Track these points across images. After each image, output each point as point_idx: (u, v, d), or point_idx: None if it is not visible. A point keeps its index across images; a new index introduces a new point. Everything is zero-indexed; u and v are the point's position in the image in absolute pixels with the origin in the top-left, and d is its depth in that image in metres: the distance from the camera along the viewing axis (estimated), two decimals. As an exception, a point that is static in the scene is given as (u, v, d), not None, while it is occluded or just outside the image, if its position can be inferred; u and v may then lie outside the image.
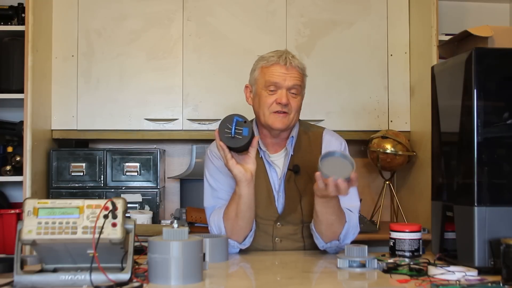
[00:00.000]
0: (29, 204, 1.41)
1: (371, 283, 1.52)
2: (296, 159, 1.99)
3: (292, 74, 1.92)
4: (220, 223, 1.90)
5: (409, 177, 3.22)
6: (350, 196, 1.90)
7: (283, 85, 1.91)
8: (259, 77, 1.96)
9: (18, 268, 1.40)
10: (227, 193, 1.96)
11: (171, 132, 3.13)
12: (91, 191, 3.01)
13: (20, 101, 2.81)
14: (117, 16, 3.12)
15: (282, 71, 1.92)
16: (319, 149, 2.00)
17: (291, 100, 1.93)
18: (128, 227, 1.41)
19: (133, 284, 1.37)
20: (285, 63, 1.92)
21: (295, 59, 1.95)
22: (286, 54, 1.95)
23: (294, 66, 1.93)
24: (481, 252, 1.56)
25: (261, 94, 1.95)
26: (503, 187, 1.60)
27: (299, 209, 1.95)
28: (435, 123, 1.84)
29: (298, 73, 1.94)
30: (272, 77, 1.92)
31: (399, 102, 3.21)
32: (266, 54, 1.99)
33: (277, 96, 1.92)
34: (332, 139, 2.04)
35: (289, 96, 1.92)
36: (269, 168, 1.99)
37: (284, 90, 1.92)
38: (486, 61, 1.62)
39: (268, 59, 1.95)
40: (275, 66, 1.93)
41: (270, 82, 1.92)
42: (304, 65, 1.99)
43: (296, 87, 1.93)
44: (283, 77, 1.91)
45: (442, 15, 3.17)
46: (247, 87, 2.04)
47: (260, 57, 2.00)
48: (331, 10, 3.20)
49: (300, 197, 1.95)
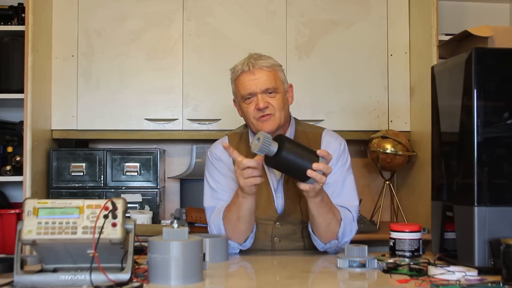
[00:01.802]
0: (29, 204, 1.41)
1: (371, 283, 1.52)
2: None
3: (260, 78, 1.92)
4: (220, 224, 1.90)
5: (409, 177, 3.22)
6: (348, 195, 1.93)
7: (256, 91, 1.92)
8: (235, 90, 2.00)
9: (18, 268, 1.40)
10: (227, 194, 1.96)
11: (171, 132, 3.13)
12: (91, 191, 3.01)
13: (20, 101, 2.81)
14: (117, 16, 3.12)
15: (249, 78, 1.92)
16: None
17: (270, 100, 1.92)
18: (128, 227, 1.41)
19: (133, 284, 1.37)
20: (249, 68, 1.92)
21: (259, 60, 1.94)
22: (249, 59, 1.95)
23: (259, 67, 1.92)
24: (481, 252, 1.56)
25: (242, 106, 1.98)
26: (503, 187, 1.60)
27: (298, 209, 1.95)
28: (435, 123, 1.84)
29: (265, 72, 1.93)
30: (243, 89, 1.93)
31: (399, 102, 3.21)
32: (235, 64, 2.00)
33: (255, 103, 1.92)
34: (331, 140, 2.03)
35: (266, 98, 1.92)
36: (268, 169, 1.98)
37: (259, 95, 1.92)
38: (486, 61, 1.62)
39: (235, 70, 1.97)
40: (242, 75, 1.94)
41: (244, 94, 1.94)
42: (273, 61, 1.97)
43: (270, 87, 1.92)
44: (253, 84, 1.92)
45: (442, 15, 3.17)
46: (234, 102, 2.07)
47: (231, 69, 2.01)
48: (331, 10, 3.20)
49: (299, 197, 1.94)
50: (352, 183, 1.98)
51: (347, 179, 1.97)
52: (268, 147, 1.65)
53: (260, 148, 1.64)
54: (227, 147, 1.77)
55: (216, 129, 3.12)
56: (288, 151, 1.65)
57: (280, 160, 1.65)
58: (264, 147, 1.64)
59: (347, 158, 2.01)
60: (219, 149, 2.03)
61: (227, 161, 2.00)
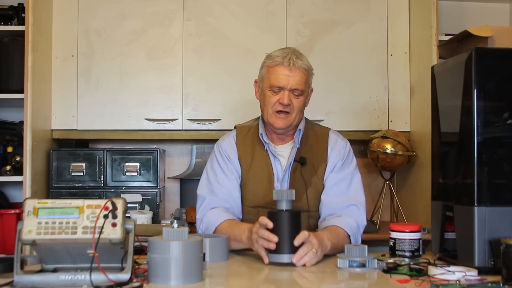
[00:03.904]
0: (29, 204, 1.41)
1: (371, 283, 1.52)
2: (302, 151, 2.06)
3: (295, 76, 1.98)
4: (210, 228, 1.97)
5: (409, 177, 3.22)
6: (355, 192, 2.03)
7: (286, 87, 1.99)
8: (265, 76, 2.04)
9: (18, 268, 1.40)
10: (222, 192, 2.04)
11: (171, 132, 3.13)
12: (91, 191, 3.01)
13: (20, 101, 2.81)
14: (117, 16, 3.12)
15: (285, 72, 1.98)
16: (325, 146, 2.08)
17: (294, 100, 2.00)
18: (128, 227, 1.41)
19: (133, 284, 1.37)
20: (289, 64, 1.98)
21: (299, 60, 2.00)
22: (291, 55, 2.00)
23: (297, 67, 1.98)
24: (481, 252, 1.56)
25: (265, 93, 2.03)
26: (503, 187, 1.60)
27: (304, 198, 2.01)
28: (435, 123, 1.84)
29: (301, 74, 1.99)
30: (275, 80, 1.99)
31: (399, 102, 3.21)
32: (274, 52, 2.05)
33: (279, 96, 2.00)
34: (338, 139, 2.12)
35: (291, 96, 1.99)
36: (274, 159, 2.06)
37: (287, 91, 1.99)
38: (486, 61, 1.62)
39: (274, 59, 2.01)
40: (279, 66, 1.99)
41: (274, 84, 2.00)
42: (309, 64, 2.03)
43: (299, 89, 1.99)
44: (286, 79, 1.98)
45: (442, 15, 3.17)
46: (256, 82, 2.12)
47: (268, 55, 2.06)
48: (331, 10, 3.20)
49: (306, 187, 2.01)
50: (359, 181, 2.08)
51: (354, 177, 2.06)
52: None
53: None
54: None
55: (216, 129, 3.12)
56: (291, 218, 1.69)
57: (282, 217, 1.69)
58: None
59: (353, 158, 2.11)
60: (228, 144, 2.11)
61: (234, 159, 2.08)
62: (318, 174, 2.05)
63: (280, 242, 1.67)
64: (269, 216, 1.71)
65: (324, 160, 2.06)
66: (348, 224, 1.94)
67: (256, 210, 2.03)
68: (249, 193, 2.06)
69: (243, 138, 2.11)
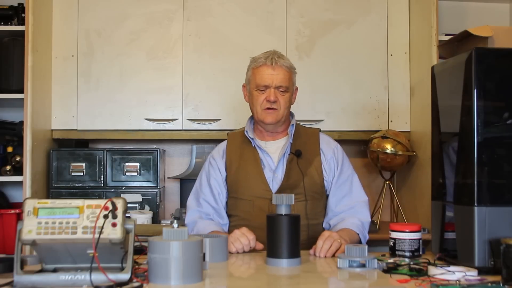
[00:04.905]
0: (29, 204, 1.41)
1: (371, 283, 1.52)
2: (296, 145, 2.17)
3: (278, 74, 2.11)
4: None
5: (409, 177, 3.21)
6: (357, 192, 2.17)
7: (271, 85, 2.11)
8: (251, 77, 2.17)
9: (18, 268, 1.40)
10: (208, 197, 2.18)
11: (171, 132, 3.13)
12: (91, 191, 3.01)
13: (20, 101, 2.81)
14: (117, 16, 3.12)
15: (269, 71, 2.11)
16: (317, 142, 2.21)
17: (280, 97, 2.13)
18: (128, 227, 1.41)
19: (133, 284, 1.37)
20: (272, 63, 2.11)
21: (281, 59, 2.13)
22: (273, 55, 2.14)
23: (280, 65, 2.12)
24: (481, 252, 1.56)
25: (253, 94, 2.16)
26: (503, 187, 1.60)
27: (301, 187, 2.10)
28: (435, 123, 1.84)
29: (284, 71, 2.12)
30: (261, 80, 2.12)
31: (399, 102, 3.21)
32: (257, 55, 2.18)
33: (266, 94, 2.12)
34: (330, 140, 2.25)
35: (277, 93, 2.12)
36: (262, 152, 2.18)
37: (272, 89, 2.12)
38: (486, 61, 1.62)
39: (257, 61, 2.15)
40: (263, 67, 2.12)
41: (260, 84, 2.12)
42: (291, 63, 2.16)
43: (283, 85, 2.12)
44: (271, 77, 2.11)
45: (442, 15, 3.17)
46: (244, 86, 2.25)
47: (252, 58, 2.20)
48: (331, 10, 3.20)
49: (302, 176, 2.11)
50: (358, 180, 2.21)
51: (353, 178, 2.20)
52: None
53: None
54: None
55: (216, 129, 3.12)
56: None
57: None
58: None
59: (347, 159, 2.24)
60: (217, 152, 2.24)
61: (220, 163, 2.20)
62: (313, 165, 2.15)
63: (279, 246, 1.67)
64: (268, 220, 1.71)
65: (317, 153, 2.17)
66: (354, 224, 2.06)
67: (251, 202, 2.12)
68: (242, 187, 2.15)
69: (232, 142, 2.23)
